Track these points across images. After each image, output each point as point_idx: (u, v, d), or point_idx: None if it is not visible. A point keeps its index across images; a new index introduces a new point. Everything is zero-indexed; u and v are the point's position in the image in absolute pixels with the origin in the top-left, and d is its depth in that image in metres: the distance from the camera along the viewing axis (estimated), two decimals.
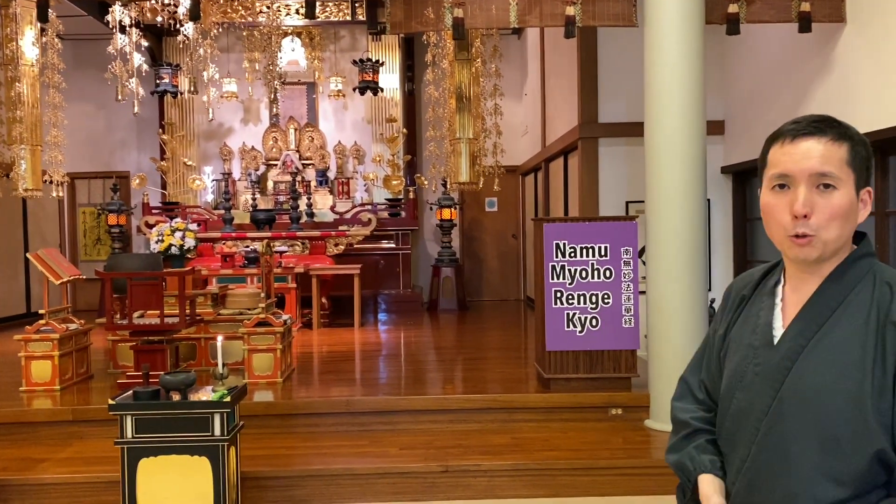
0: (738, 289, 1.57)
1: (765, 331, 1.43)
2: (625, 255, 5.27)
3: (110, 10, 7.66)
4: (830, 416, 1.29)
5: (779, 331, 1.41)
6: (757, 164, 1.49)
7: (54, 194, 7.88)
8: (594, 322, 5.27)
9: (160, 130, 11.27)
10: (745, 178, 7.03)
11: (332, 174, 11.39)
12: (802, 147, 1.35)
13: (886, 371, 1.27)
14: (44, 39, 7.39)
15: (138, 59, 8.11)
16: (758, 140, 1.46)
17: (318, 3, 10.02)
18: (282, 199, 10.86)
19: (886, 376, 1.26)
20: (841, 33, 5.19)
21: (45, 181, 7.61)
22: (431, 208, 11.04)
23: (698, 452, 1.53)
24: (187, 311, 5.55)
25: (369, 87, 10.37)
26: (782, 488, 1.33)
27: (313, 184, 11.13)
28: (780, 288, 1.46)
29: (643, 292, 5.29)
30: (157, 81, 10.01)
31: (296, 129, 11.39)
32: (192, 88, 9.61)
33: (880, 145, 4.91)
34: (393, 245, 10.77)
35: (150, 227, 9.31)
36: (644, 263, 5.26)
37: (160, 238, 6.62)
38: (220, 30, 9.58)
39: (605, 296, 5.26)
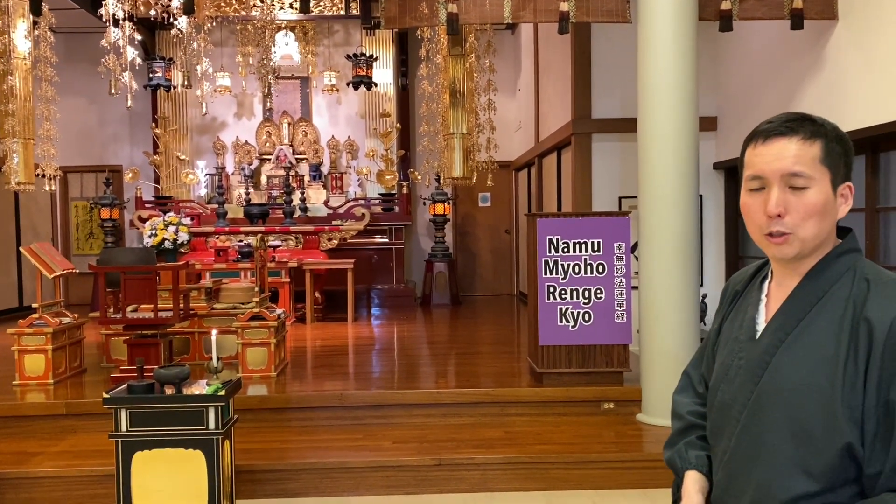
0: (733, 284, 1.60)
1: (749, 325, 1.46)
2: (617, 251, 5.30)
3: (104, 3, 7.63)
4: (803, 410, 1.31)
5: (762, 325, 1.44)
6: None
7: (47, 188, 7.86)
8: (587, 317, 5.30)
9: (153, 124, 11.23)
10: (736, 173, 7.02)
11: (325, 169, 11.39)
12: (774, 148, 1.37)
13: (858, 367, 1.28)
14: (36, 33, 7.35)
15: (131, 53, 8.08)
16: None
17: None
18: (275, 193, 10.85)
19: (858, 372, 1.28)
20: (832, 30, 5.22)
21: (38, 175, 7.59)
22: (425, 203, 11.06)
23: (687, 449, 1.57)
24: (181, 306, 5.56)
25: (363, 81, 10.37)
26: (757, 479, 1.36)
27: (307, 178, 11.12)
28: (766, 283, 1.49)
29: (636, 287, 5.32)
30: (150, 75, 9.98)
31: (289, 124, 11.38)
32: (185, 82, 9.58)
33: (871, 142, 4.95)
34: (386, 240, 10.78)
35: (143, 221, 9.30)
36: (637, 259, 5.29)
37: (153, 232, 6.63)
38: (214, 24, 9.55)
39: (598, 291, 5.29)
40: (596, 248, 5.28)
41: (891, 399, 1.24)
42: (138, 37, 8.47)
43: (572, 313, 5.31)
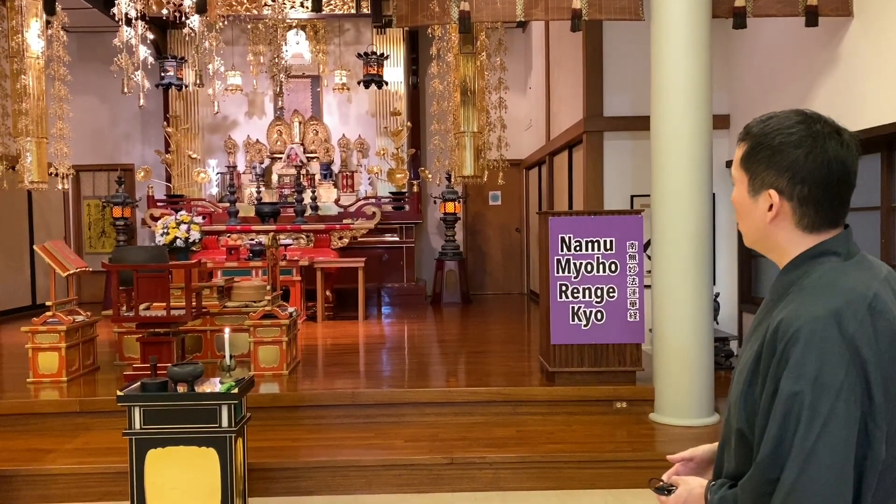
0: None
1: None
2: (630, 249, 5.27)
3: (116, 2, 7.66)
4: (731, 396, 1.42)
5: None
6: None
7: (60, 187, 7.90)
8: (599, 316, 5.28)
9: (165, 123, 11.27)
10: None
11: (336, 167, 11.40)
12: None
13: (759, 362, 1.32)
14: (49, 32, 7.38)
15: (143, 52, 8.11)
16: None
17: None
18: (286, 192, 10.87)
19: (759, 367, 1.32)
20: (847, 27, 5.18)
21: (51, 174, 7.62)
22: (435, 202, 11.05)
23: None
24: (193, 304, 5.57)
25: (374, 80, 10.38)
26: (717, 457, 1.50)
27: (318, 177, 11.14)
28: None
29: (648, 286, 5.29)
30: (162, 74, 10.03)
31: (300, 123, 11.39)
32: (197, 81, 9.60)
33: (886, 140, 4.91)
34: (397, 238, 10.78)
35: (155, 219, 9.34)
36: (649, 257, 5.27)
37: (165, 230, 6.66)
38: (225, 23, 9.57)
39: (611, 289, 5.27)
40: (609, 247, 5.26)
41: (776, 393, 1.27)
42: (150, 36, 8.50)
43: (585, 312, 5.29)
